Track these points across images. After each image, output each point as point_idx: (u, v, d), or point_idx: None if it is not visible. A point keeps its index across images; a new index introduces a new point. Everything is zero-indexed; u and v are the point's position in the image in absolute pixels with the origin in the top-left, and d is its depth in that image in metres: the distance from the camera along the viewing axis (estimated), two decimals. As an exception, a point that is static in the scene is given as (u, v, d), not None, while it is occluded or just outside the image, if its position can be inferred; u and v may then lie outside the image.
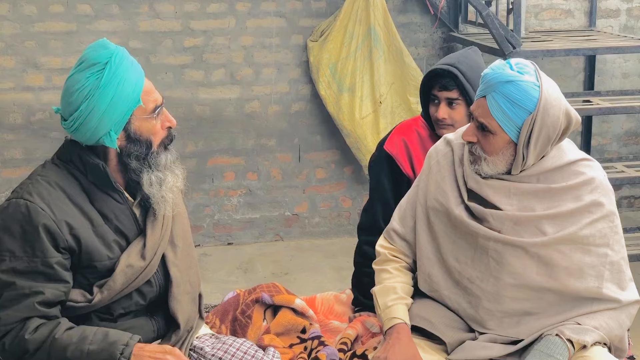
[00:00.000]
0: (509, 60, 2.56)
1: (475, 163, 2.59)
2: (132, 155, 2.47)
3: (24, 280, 2.36)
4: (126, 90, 2.40)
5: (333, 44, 5.44)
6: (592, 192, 2.59)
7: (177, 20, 5.44)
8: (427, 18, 5.71)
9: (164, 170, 2.51)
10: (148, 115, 2.47)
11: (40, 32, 5.30)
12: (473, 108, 2.58)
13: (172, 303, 2.58)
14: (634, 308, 2.63)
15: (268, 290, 3.00)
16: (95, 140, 2.44)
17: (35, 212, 2.37)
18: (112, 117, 2.41)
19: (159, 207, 2.53)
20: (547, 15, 5.94)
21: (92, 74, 2.40)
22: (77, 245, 2.41)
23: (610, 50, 5.22)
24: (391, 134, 3.39)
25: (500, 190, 2.59)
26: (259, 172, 5.74)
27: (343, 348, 2.84)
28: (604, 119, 6.08)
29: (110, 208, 2.50)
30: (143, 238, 2.54)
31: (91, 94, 2.39)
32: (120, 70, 2.40)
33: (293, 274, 5.26)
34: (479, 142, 2.57)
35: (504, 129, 2.51)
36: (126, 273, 2.47)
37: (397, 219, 2.82)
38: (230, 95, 5.53)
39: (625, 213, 6.06)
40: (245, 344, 2.62)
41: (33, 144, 5.42)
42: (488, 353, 2.55)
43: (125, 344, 2.36)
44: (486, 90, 2.52)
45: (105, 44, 2.45)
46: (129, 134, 2.46)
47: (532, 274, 2.55)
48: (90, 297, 2.45)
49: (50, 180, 2.44)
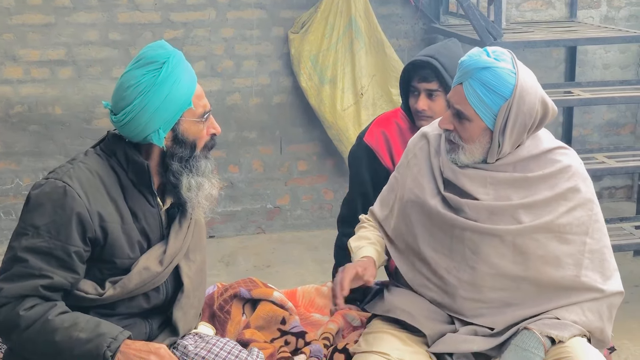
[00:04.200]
0: (486, 48, 2.56)
1: (452, 152, 2.60)
2: (175, 157, 2.51)
3: (38, 260, 2.36)
4: (179, 91, 2.45)
5: (314, 36, 5.43)
6: (568, 179, 2.60)
7: (157, 12, 5.41)
8: (408, 10, 5.71)
9: (202, 176, 2.55)
10: (197, 119, 2.52)
11: (18, 25, 5.25)
12: (450, 95, 2.59)
13: (177, 312, 2.60)
14: (616, 299, 2.62)
15: (245, 285, 2.99)
16: (143, 137, 2.47)
17: (72, 197, 2.39)
18: (163, 115, 2.45)
19: (193, 212, 2.58)
20: (528, 6, 5.95)
21: (149, 72, 2.44)
22: (104, 238, 2.43)
23: (591, 41, 5.23)
24: (371, 126, 3.39)
25: (477, 180, 2.59)
26: (241, 164, 5.72)
27: (325, 343, 2.83)
28: (585, 110, 6.09)
29: (142, 208, 2.52)
30: (165, 244, 2.56)
31: (146, 90, 2.43)
32: (176, 71, 2.46)
33: (275, 267, 5.25)
34: (455, 129, 2.58)
35: (480, 115, 2.51)
36: (142, 275, 2.50)
37: (378, 204, 2.89)
38: (211, 87, 5.51)
39: (607, 204, 6.09)
40: (229, 343, 2.62)
41: (12, 137, 5.38)
42: (469, 346, 2.54)
43: (114, 338, 2.36)
44: (462, 77, 2.53)
45: (164, 45, 2.53)
46: (177, 135, 2.50)
47: (508, 263, 2.56)
48: (101, 291, 2.46)
49: (91, 169, 2.47)
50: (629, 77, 6.04)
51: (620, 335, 4.16)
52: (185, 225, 2.61)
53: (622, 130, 6.23)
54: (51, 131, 5.43)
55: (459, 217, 2.59)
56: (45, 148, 5.43)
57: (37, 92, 5.37)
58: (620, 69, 6.11)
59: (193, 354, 2.57)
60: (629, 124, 6.23)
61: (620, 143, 6.12)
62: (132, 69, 2.48)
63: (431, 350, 2.58)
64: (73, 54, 5.33)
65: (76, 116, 5.45)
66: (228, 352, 2.58)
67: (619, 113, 6.20)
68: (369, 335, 2.65)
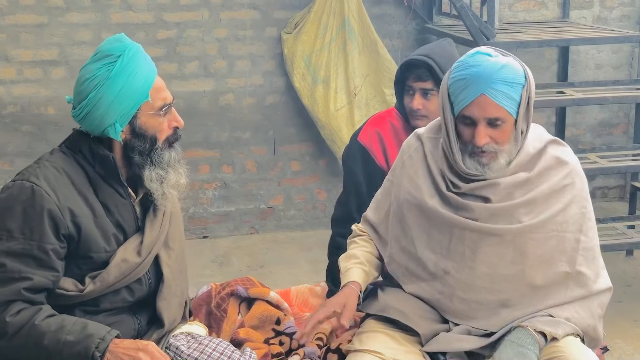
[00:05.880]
0: (478, 51, 2.57)
1: (492, 161, 2.55)
2: (135, 150, 2.51)
3: (16, 263, 2.36)
4: (135, 84, 2.45)
5: (307, 36, 5.43)
6: (565, 176, 2.62)
7: (150, 13, 5.40)
8: (401, 10, 5.71)
9: (166, 167, 2.54)
10: (155, 112, 2.51)
11: (10, 25, 5.24)
12: (474, 111, 2.52)
13: (160, 303, 2.60)
14: (605, 296, 2.64)
15: (242, 284, 2.99)
16: (100, 130, 2.48)
17: (40, 195, 2.38)
18: (119, 109, 2.45)
19: (160, 203, 2.57)
20: (520, 6, 5.96)
21: (104, 65, 2.45)
22: (77, 233, 2.43)
23: (584, 41, 5.24)
24: (364, 126, 3.39)
25: (488, 188, 2.60)
26: (234, 165, 5.72)
27: (319, 343, 2.84)
28: (577, 110, 6.11)
29: (113, 201, 2.52)
30: (141, 235, 2.56)
31: (100, 84, 2.44)
32: (131, 64, 2.45)
33: (269, 267, 5.25)
34: (491, 138, 2.55)
35: (510, 112, 2.52)
36: (120, 267, 2.49)
37: (372, 208, 2.87)
38: (204, 87, 5.51)
39: (599, 204, 6.10)
40: (221, 344, 2.62)
41: (5, 137, 5.37)
42: (462, 345, 2.55)
43: (101, 338, 2.35)
44: (482, 86, 2.49)
45: (121, 38, 2.51)
46: (134, 128, 2.50)
47: (507, 263, 2.57)
48: (82, 287, 2.46)
49: (57, 166, 2.47)
50: (622, 77, 6.05)
51: (613, 334, 4.17)
52: (160, 214, 2.60)
53: (615, 130, 6.25)
54: (44, 131, 5.42)
55: (459, 216, 2.59)
56: (38, 148, 5.41)
57: (30, 93, 5.36)
58: (612, 69, 6.13)
59: (186, 355, 2.57)
60: (621, 124, 6.25)
61: (613, 143, 6.13)
62: (89, 63, 2.48)
63: (425, 349, 2.58)
64: (66, 54, 5.33)
65: (69, 116, 5.38)
66: (221, 353, 2.58)
67: (612, 113, 6.21)
68: (363, 334, 2.65)
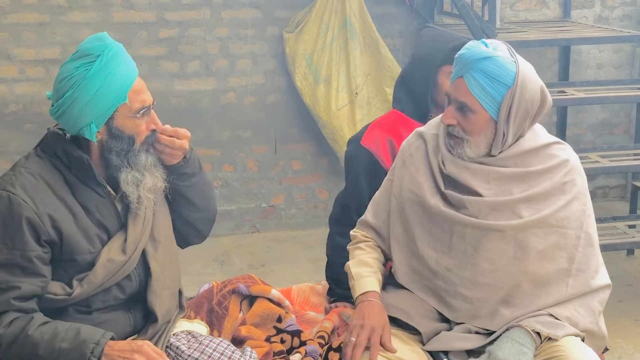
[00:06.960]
0: (483, 40, 2.58)
1: (457, 147, 2.59)
2: (112, 151, 2.48)
3: (1, 273, 2.35)
4: (113, 85, 2.41)
5: (309, 35, 5.43)
6: (566, 174, 2.62)
7: (152, 11, 5.40)
8: (402, 9, 5.71)
9: (142, 170, 2.51)
10: (132, 114, 2.48)
11: (12, 24, 5.25)
12: (450, 90, 2.58)
13: (150, 297, 2.58)
14: (604, 293, 2.65)
15: (244, 282, 2.99)
16: (76, 130, 2.45)
17: (17, 204, 2.37)
18: (95, 109, 2.41)
19: (134, 207, 2.53)
20: (522, 6, 5.96)
21: (82, 65, 2.42)
22: (59, 238, 2.41)
23: (585, 41, 5.24)
24: (369, 129, 3.32)
25: (480, 176, 2.60)
26: (235, 163, 5.72)
27: (321, 342, 2.84)
28: (578, 110, 6.11)
29: (93, 201, 2.50)
30: (124, 232, 2.54)
31: (77, 83, 2.40)
32: (110, 65, 2.41)
33: (269, 266, 5.25)
34: (459, 123, 2.57)
35: (484, 106, 2.51)
36: (107, 267, 2.47)
37: (370, 212, 2.84)
38: (206, 86, 5.51)
39: (600, 203, 6.10)
40: (222, 344, 2.61)
41: (7, 136, 5.38)
42: (463, 344, 2.55)
43: (96, 343, 2.35)
44: (463, 69, 2.53)
45: (102, 37, 2.47)
46: (111, 129, 2.47)
47: (509, 259, 2.57)
48: (70, 291, 2.44)
49: (33, 172, 2.45)
50: (623, 76, 6.05)
51: (614, 334, 4.17)
52: (141, 210, 2.56)
53: (616, 129, 6.25)
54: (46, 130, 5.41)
55: (460, 214, 2.59)
56: (40, 147, 5.42)
57: (32, 91, 5.36)
58: (613, 68, 6.13)
59: (186, 355, 2.57)
60: (622, 123, 6.25)
61: (614, 142, 6.13)
62: (68, 62, 2.46)
63: (426, 348, 2.59)
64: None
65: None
66: (221, 353, 2.58)
67: (613, 112, 6.21)
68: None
